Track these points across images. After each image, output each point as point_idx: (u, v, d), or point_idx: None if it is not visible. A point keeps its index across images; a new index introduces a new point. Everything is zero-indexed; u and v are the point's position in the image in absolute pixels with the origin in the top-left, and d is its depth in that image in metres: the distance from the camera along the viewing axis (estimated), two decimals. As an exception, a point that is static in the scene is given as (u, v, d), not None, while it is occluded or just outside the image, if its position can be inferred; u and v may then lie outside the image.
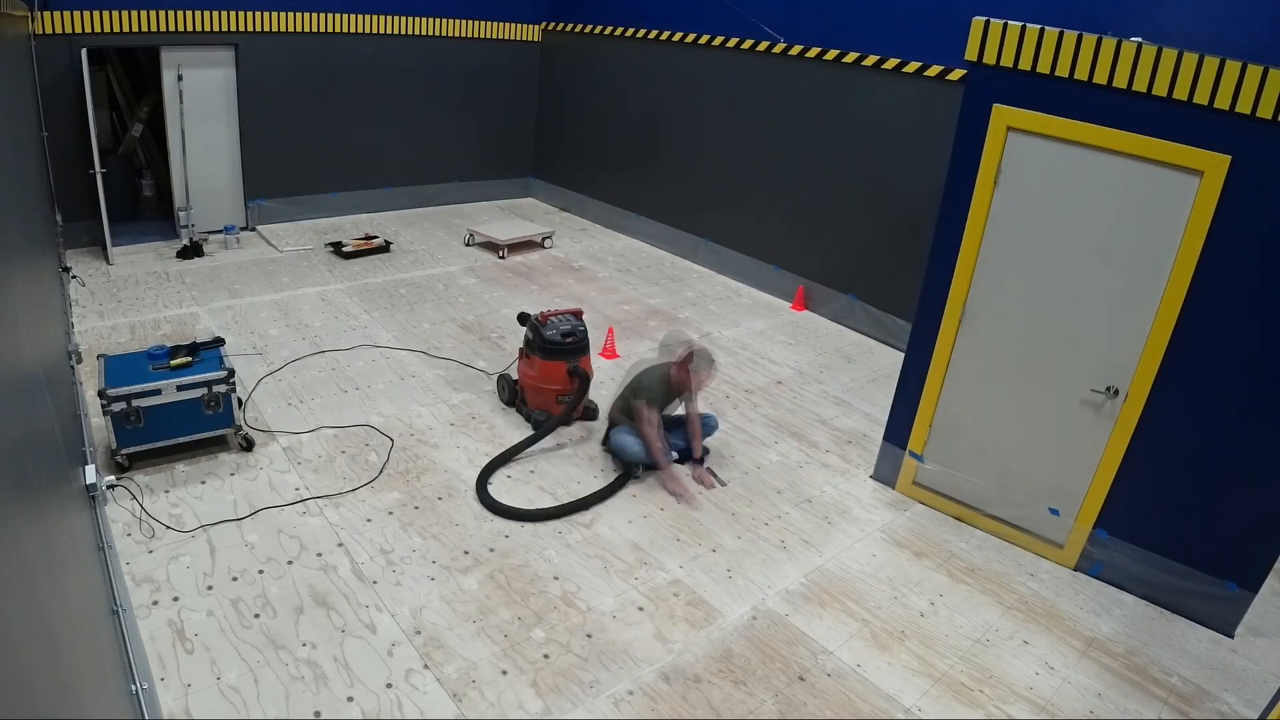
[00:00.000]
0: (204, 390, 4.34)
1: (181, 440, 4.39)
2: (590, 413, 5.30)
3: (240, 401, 4.67)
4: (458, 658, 3.31)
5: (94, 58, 7.21)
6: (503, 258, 8.41)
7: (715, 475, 4.75)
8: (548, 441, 4.90)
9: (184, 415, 4.34)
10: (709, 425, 4.86)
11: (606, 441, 4.84)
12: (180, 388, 4.28)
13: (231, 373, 4.45)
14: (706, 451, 4.88)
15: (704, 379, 4.58)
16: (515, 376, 5.33)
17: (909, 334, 4.68)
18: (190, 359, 4.46)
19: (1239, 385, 3.63)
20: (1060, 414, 4.12)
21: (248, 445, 4.58)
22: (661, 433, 4.57)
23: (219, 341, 4.77)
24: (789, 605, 3.82)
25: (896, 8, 6.55)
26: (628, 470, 4.63)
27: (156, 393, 4.22)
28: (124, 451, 4.22)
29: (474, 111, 9.99)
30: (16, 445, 1.52)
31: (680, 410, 4.85)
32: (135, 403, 4.15)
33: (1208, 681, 3.59)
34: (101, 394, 4.10)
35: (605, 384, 5.54)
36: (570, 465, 4.77)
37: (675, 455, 4.81)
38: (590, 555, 4.02)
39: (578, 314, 5.19)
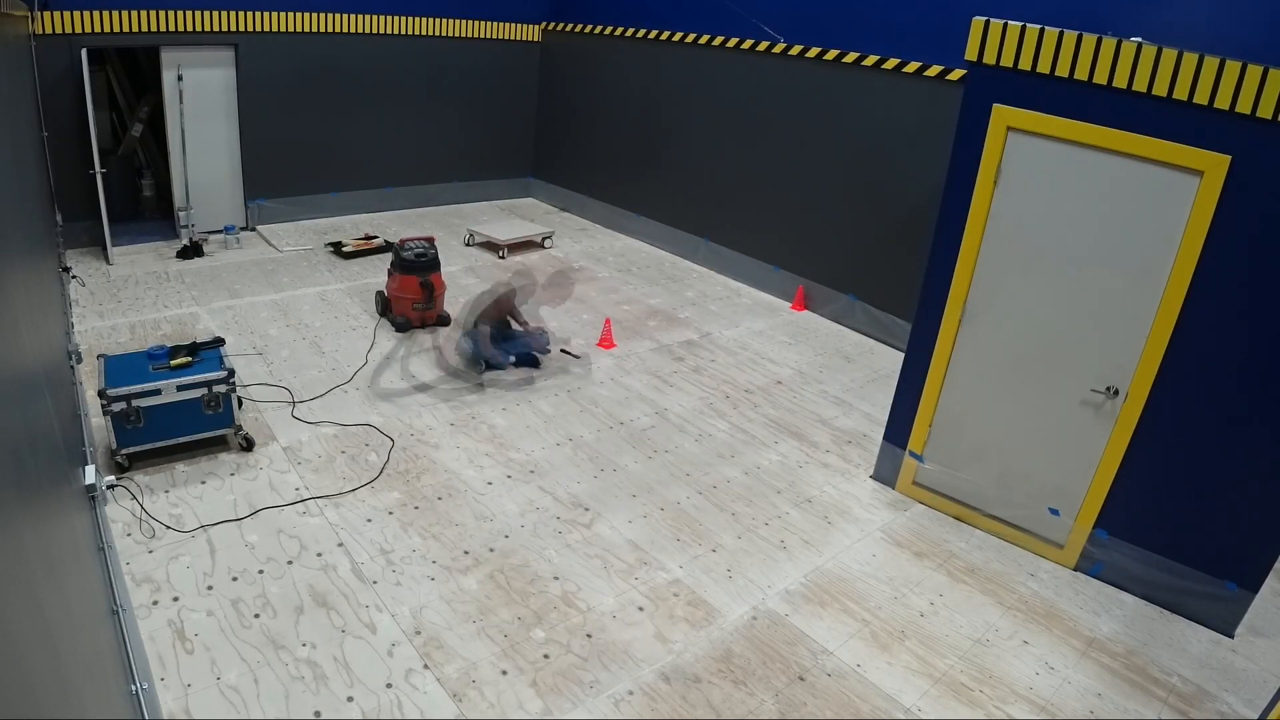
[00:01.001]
0: (204, 390, 4.34)
1: (181, 440, 4.39)
2: (443, 320, 6.59)
3: (240, 401, 4.67)
4: (458, 658, 3.31)
5: (94, 58, 7.21)
6: (503, 258, 8.41)
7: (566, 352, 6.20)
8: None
9: (184, 415, 4.34)
10: (541, 339, 6.06)
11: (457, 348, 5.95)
12: (180, 388, 4.29)
13: (231, 373, 4.45)
14: (543, 354, 6.12)
15: (504, 306, 5.91)
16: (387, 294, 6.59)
17: (909, 334, 4.68)
18: (190, 359, 4.46)
19: (1239, 385, 3.63)
20: (1060, 414, 4.12)
21: (248, 445, 4.58)
22: (502, 345, 5.93)
23: (219, 341, 4.78)
24: (789, 605, 3.82)
25: (896, 8, 6.55)
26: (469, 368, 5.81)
27: (156, 393, 4.22)
28: (124, 451, 4.23)
29: (474, 111, 9.98)
30: (16, 445, 1.52)
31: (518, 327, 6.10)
32: (135, 403, 4.15)
33: (1208, 681, 3.59)
34: (101, 394, 4.10)
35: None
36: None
37: (513, 359, 5.95)
38: (590, 555, 4.02)
39: (430, 240, 6.58)
